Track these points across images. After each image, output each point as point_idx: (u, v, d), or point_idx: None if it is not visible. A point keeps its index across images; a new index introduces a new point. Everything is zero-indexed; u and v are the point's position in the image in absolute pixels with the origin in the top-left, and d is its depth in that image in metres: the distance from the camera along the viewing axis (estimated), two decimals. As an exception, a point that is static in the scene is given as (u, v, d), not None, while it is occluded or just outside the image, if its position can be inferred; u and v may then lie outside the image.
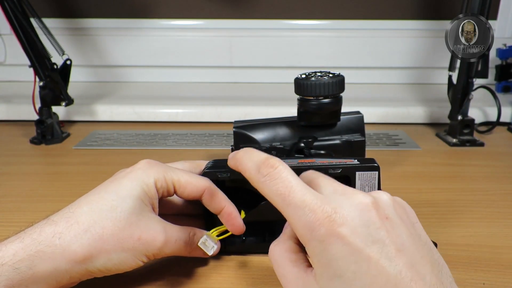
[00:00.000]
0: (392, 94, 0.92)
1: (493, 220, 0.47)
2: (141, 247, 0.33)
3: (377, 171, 0.37)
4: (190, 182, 0.36)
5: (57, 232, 0.30)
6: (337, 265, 0.25)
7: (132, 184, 0.33)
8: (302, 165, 0.37)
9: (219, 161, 0.40)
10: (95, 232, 0.31)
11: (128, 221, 0.32)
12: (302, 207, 0.26)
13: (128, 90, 0.95)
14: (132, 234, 0.32)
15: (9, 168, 0.62)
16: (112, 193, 0.33)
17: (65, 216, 0.31)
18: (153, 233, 0.33)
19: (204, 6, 0.95)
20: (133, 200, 0.33)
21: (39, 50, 0.68)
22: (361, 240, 0.25)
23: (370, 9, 0.95)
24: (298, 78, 0.47)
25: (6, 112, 0.83)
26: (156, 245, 0.33)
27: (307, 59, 0.97)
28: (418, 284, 0.25)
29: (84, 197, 0.33)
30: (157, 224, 0.34)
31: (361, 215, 0.25)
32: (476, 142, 0.70)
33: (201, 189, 0.36)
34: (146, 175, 0.34)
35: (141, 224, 0.33)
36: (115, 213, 0.32)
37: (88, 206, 0.32)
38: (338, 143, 0.49)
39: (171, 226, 0.35)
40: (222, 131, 0.78)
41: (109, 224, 0.31)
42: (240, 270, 0.38)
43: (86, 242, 0.31)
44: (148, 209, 0.34)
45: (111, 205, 0.32)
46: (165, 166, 0.36)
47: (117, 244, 0.32)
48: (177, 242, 0.35)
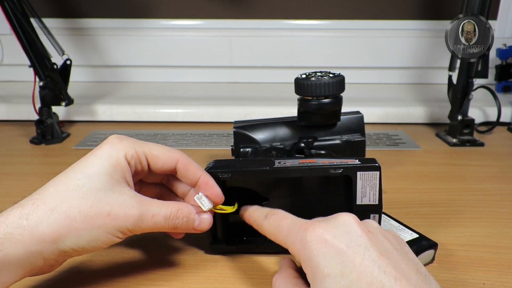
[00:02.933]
0: (392, 94, 0.92)
1: (493, 220, 0.47)
2: (113, 222, 0.31)
3: (378, 171, 0.37)
4: (163, 153, 0.35)
5: (24, 214, 0.30)
6: (324, 266, 0.27)
7: (99, 160, 0.33)
8: (303, 165, 0.37)
9: (220, 161, 0.40)
10: (62, 211, 0.31)
11: (95, 198, 0.31)
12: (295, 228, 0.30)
13: (128, 90, 0.95)
14: (101, 211, 0.31)
15: (9, 168, 0.62)
16: (79, 172, 0.32)
17: (32, 198, 0.31)
18: (124, 208, 0.32)
19: (204, 6, 0.95)
20: (101, 176, 0.32)
21: (39, 50, 0.68)
22: (344, 244, 0.28)
23: (370, 9, 0.95)
24: (298, 78, 0.47)
25: (6, 112, 0.83)
26: (129, 220, 0.32)
27: (307, 59, 0.97)
28: (402, 282, 0.26)
29: (52, 180, 0.33)
30: (129, 199, 0.32)
31: (343, 226, 0.29)
32: (476, 142, 0.70)
33: (175, 159, 0.35)
34: (114, 149, 0.33)
35: (110, 200, 0.32)
36: (81, 191, 0.31)
37: (54, 187, 0.32)
38: (338, 143, 0.49)
39: (148, 201, 0.33)
40: (222, 131, 0.78)
41: (76, 203, 0.31)
42: (240, 270, 0.38)
43: (53, 221, 0.30)
44: (119, 184, 0.33)
45: (77, 184, 0.32)
46: (136, 139, 0.35)
47: (85, 221, 0.31)
48: (155, 217, 0.33)
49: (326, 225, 0.29)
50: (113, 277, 0.37)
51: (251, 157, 0.49)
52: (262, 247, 0.40)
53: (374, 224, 0.31)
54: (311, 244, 0.28)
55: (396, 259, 0.28)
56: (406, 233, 0.41)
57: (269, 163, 0.38)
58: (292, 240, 0.30)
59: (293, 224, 0.31)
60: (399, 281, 0.26)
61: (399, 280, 0.26)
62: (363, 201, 0.37)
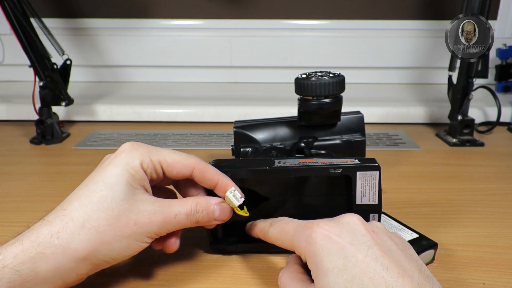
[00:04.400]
0: (392, 94, 0.92)
1: (493, 220, 0.47)
2: (140, 230, 0.32)
3: (378, 171, 0.37)
4: (178, 161, 0.35)
5: (54, 232, 0.30)
6: (327, 261, 0.28)
7: (117, 169, 0.33)
8: (303, 165, 0.37)
9: (220, 161, 0.40)
10: (91, 226, 0.31)
11: (120, 208, 0.32)
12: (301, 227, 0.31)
13: (128, 90, 0.95)
14: (128, 220, 0.32)
15: (9, 168, 0.62)
16: (99, 183, 0.32)
17: (59, 214, 0.31)
18: (148, 214, 0.33)
19: (204, 6, 0.95)
20: (122, 186, 0.32)
21: (39, 50, 0.68)
22: (347, 241, 0.29)
23: (370, 9, 0.95)
24: (298, 78, 0.47)
25: (6, 112, 0.83)
26: (155, 225, 0.33)
27: (307, 59, 0.97)
28: (405, 280, 0.26)
29: (74, 192, 0.33)
30: (151, 205, 0.33)
31: (348, 225, 0.30)
32: (476, 142, 0.70)
33: (190, 167, 0.35)
34: (130, 157, 0.34)
35: (134, 208, 0.32)
36: (106, 203, 0.32)
37: (78, 201, 0.32)
38: (339, 143, 0.49)
39: (168, 202, 0.34)
40: (222, 131, 0.78)
41: (103, 215, 0.31)
42: (240, 270, 0.38)
43: (84, 237, 0.30)
44: (139, 191, 0.33)
45: (101, 196, 0.32)
46: (150, 147, 0.36)
47: (115, 233, 0.31)
48: (178, 216, 0.34)
49: (331, 223, 0.30)
50: (112, 277, 0.37)
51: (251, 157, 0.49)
52: (262, 247, 0.40)
53: (379, 225, 0.32)
54: (316, 240, 0.29)
55: (399, 258, 0.28)
56: (406, 233, 0.41)
57: (269, 163, 0.38)
58: (298, 239, 0.31)
59: (299, 225, 0.32)
60: (401, 278, 0.26)
61: (402, 277, 0.26)
62: (363, 200, 0.37)
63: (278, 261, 0.39)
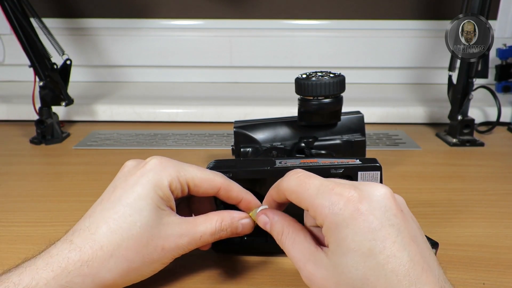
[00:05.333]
0: (392, 94, 0.92)
1: (493, 220, 0.47)
2: (167, 255, 0.32)
3: (379, 171, 0.37)
4: (205, 180, 0.34)
5: (84, 261, 0.30)
6: (352, 240, 0.25)
7: (145, 191, 0.32)
8: (304, 165, 0.37)
9: (221, 161, 0.40)
10: (120, 255, 0.31)
11: (149, 234, 0.31)
12: (326, 190, 0.27)
13: (128, 90, 0.95)
14: (156, 247, 0.32)
15: (9, 168, 0.62)
16: (127, 206, 0.31)
17: (88, 240, 0.31)
18: (175, 239, 0.32)
19: (204, 6, 0.95)
20: (150, 210, 0.32)
21: (39, 50, 0.68)
22: (378, 221, 0.26)
23: (370, 9, 0.95)
24: (298, 78, 0.47)
25: (6, 112, 0.83)
26: (181, 248, 0.33)
27: (307, 59, 0.97)
28: (428, 274, 0.25)
29: (100, 211, 0.32)
30: (177, 228, 0.33)
31: (380, 200, 0.27)
32: (476, 142, 0.70)
33: (217, 187, 0.35)
34: (159, 178, 0.32)
35: (162, 234, 0.32)
36: (135, 230, 0.31)
37: (106, 225, 0.31)
38: (339, 143, 0.49)
39: (193, 223, 0.34)
40: (222, 131, 0.78)
41: (132, 244, 0.31)
42: (241, 270, 0.38)
43: (113, 266, 0.30)
44: (166, 213, 0.33)
45: (130, 221, 0.31)
46: (178, 165, 0.34)
47: (143, 260, 0.31)
48: (203, 237, 0.33)
49: (363, 194, 0.27)
50: (113, 277, 0.37)
51: (251, 157, 0.49)
52: (263, 247, 0.40)
53: (403, 201, 0.29)
54: (344, 212, 0.26)
55: (423, 247, 0.26)
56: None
57: (270, 163, 0.38)
58: (320, 202, 0.27)
59: (323, 185, 0.28)
60: (425, 272, 0.25)
61: (426, 272, 0.25)
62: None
63: (279, 261, 0.39)
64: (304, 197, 0.29)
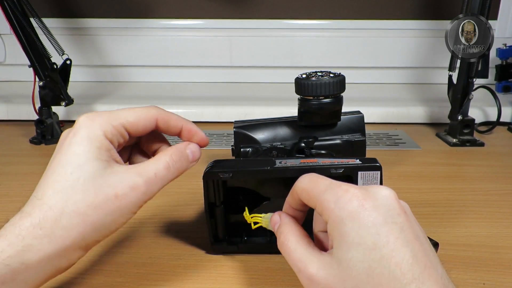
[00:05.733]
0: (392, 94, 0.92)
1: (493, 220, 0.47)
2: (124, 201, 0.31)
3: (379, 170, 0.37)
4: (139, 116, 0.34)
5: (36, 223, 0.29)
6: (356, 234, 0.26)
7: (81, 147, 0.31)
8: (304, 165, 0.37)
9: (221, 161, 0.40)
10: (70, 210, 0.30)
11: (95, 185, 0.30)
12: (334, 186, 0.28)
13: (128, 90, 0.95)
14: (107, 196, 0.31)
15: (9, 168, 0.62)
16: (68, 166, 0.31)
17: (36, 204, 0.30)
18: (127, 183, 0.31)
19: (204, 6, 0.95)
20: (91, 163, 0.31)
21: (39, 50, 0.68)
22: (382, 217, 0.26)
23: (370, 9, 0.95)
24: (298, 78, 0.47)
25: (6, 112, 0.83)
26: (139, 191, 0.31)
27: (307, 59, 0.97)
28: (431, 272, 0.25)
29: (44, 179, 0.32)
30: (126, 173, 0.32)
31: (383, 199, 0.27)
32: (476, 142, 0.70)
33: (153, 118, 0.34)
34: (91, 131, 0.32)
35: (109, 182, 0.31)
36: (79, 184, 0.30)
37: (51, 188, 0.31)
38: (339, 142, 0.49)
39: (142, 165, 0.33)
40: (222, 131, 0.78)
41: (80, 197, 0.30)
42: (240, 270, 0.38)
43: (66, 223, 0.30)
44: (109, 164, 0.32)
45: (72, 179, 0.30)
46: (107, 113, 0.33)
47: (97, 211, 0.30)
48: (158, 173, 0.32)
49: (367, 193, 0.27)
50: (112, 277, 0.37)
51: (251, 157, 0.49)
52: (263, 247, 0.40)
53: (407, 205, 0.29)
54: (348, 206, 0.26)
55: (426, 247, 0.27)
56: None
57: (270, 163, 0.38)
58: (327, 198, 0.28)
59: (333, 183, 0.29)
60: (428, 269, 0.25)
61: (429, 269, 0.25)
62: (364, 201, 0.37)
63: (279, 261, 0.39)
64: (314, 194, 0.29)
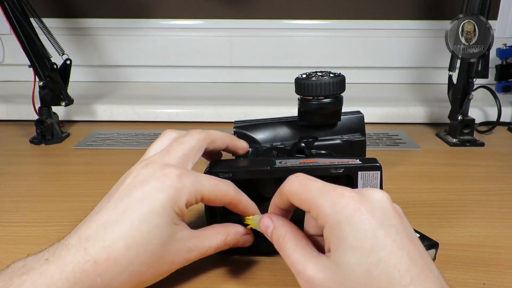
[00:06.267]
0: (392, 94, 0.92)
1: (493, 220, 0.47)
2: (173, 267, 0.34)
3: (379, 170, 0.37)
4: (218, 196, 0.35)
5: (98, 274, 0.30)
6: (353, 237, 0.26)
7: (163, 209, 0.31)
8: (304, 165, 0.37)
9: (221, 161, 0.40)
10: (133, 270, 0.31)
11: (163, 250, 0.32)
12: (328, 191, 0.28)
13: (128, 90, 0.95)
14: (166, 261, 0.32)
15: (9, 168, 0.62)
16: (145, 222, 0.31)
17: (103, 252, 0.30)
18: (184, 254, 0.33)
19: (204, 6, 0.95)
20: (167, 226, 0.32)
21: (39, 50, 0.68)
22: (378, 221, 0.26)
23: (370, 9, 0.95)
24: (298, 78, 0.47)
25: (6, 112, 0.83)
26: (187, 261, 0.34)
27: (307, 59, 0.97)
28: (427, 273, 0.26)
29: (116, 222, 0.31)
30: (187, 243, 0.33)
31: (379, 202, 0.28)
32: (476, 142, 0.70)
33: (227, 201, 0.35)
34: (178, 195, 0.32)
35: (173, 249, 0.32)
36: (151, 246, 0.31)
37: (123, 240, 0.30)
38: (339, 142, 0.49)
39: (201, 238, 0.35)
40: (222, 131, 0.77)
41: (146, 260, 0.31)
42: (241, 270, 0.38)
43: (125, 279, 0.31)
44: (179, 228, 0.33)
45: (146, 238, 0.31)
46: (195, 179, 0.33)
47: (153, 273, 0.32)
48: (208, 251, 0.35)
49: (362, 197, 0.27)
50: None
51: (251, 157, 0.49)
52: (263, 247, 0.40)
53: (400, 208, 0.30)
54: (345, 210, 0.27)
55: (421, 249, 0.27)
56: (407, 233, 0.41)
57: (270, 163, 0.38)
58: (322, 202, 0.28)
59: (325, 186, 0.29)
60: (425, 271, 0.25)
61: (425, 270, 0.26)
62: (364, 201, 0.37)
63: (280, 261, 0.39)
64: (306, 198, 0.29)
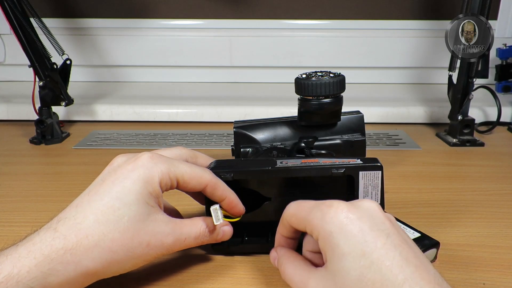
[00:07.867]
0: (392, 94, 0.92)
1: (493, 220, 0.47)
2: (151, 251, 0.33)
3: (380, 170, 0.37)
4: (194, 177, 0.35)
5: (68, 249, 0.30)
6: (345, 244, 0.27)
7: (136, 186, 0.32)
8: (305, 165, 0.37)
9: (222, 161, 0.40)
10: (105, 245, 0.31)
11: (136, 229, 0.32)
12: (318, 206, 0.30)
13: (128, 90, 0.95)
14: (141, 242, 0.32)
15: (9, 168, 0.62)
16: (117, 199, 0.32)
17: (74, 228, 0.31)
18: (160, 237, 0.33)
19: (204, 6, 0.95)
20: (139, 205, 0.32)
21: (39, 50, 0.68)
22: (367, 226, 0.28)
23: (370, 9, 0.95)
24: (298, 78, 0.47)
25: (6, 112, 0.83)
26: (165, 247, 0.33)
27: (307, 59, 0.97)
28: (422, 272, 0.26)
29: (88, 202, 0.32)
30: (164, 226, 0.33)
31: (368, 210, 0.29)
32: (476, 142, 0.70)
33: (204, 183, 0.35)
34: (150, 174, 0.33)
35: (148, 229, 0.32)
36: (123, 223, 0.31)
37: (94, 216, 0.31)
38: (339, 142, 0.49)
39: (180, 225, 0.34)
40: (222, 131, 0.78)
41: (118, 236, 0.31)
42: (241, 270, 0.38)
43: (96, 256, 0.30)
44: (154, 210, 0.33)
45: (118, 215, 0.31)
46: (168, 161, 0.34)
47: (127, 254, 0.32)
48: (187, 239, 0.35)
49: (351, 206, 0.29)
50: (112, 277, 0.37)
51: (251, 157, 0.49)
52: (263, 248, 0.40)
53: (391, 216, 0.31)
54: (334, 220, 0.28)
55: (415, 250, 0.28)
56: (408, 232, 0.41)
57: (271, 163, 0.38)
58: (312, 217, 0.29)
59: (317, 203, 0.30)
60: (419, 270, 0.26)
61: (420, 270, 0.26)
62: (364, 200, 0.37)
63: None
64: (301, 216, 0.31)
